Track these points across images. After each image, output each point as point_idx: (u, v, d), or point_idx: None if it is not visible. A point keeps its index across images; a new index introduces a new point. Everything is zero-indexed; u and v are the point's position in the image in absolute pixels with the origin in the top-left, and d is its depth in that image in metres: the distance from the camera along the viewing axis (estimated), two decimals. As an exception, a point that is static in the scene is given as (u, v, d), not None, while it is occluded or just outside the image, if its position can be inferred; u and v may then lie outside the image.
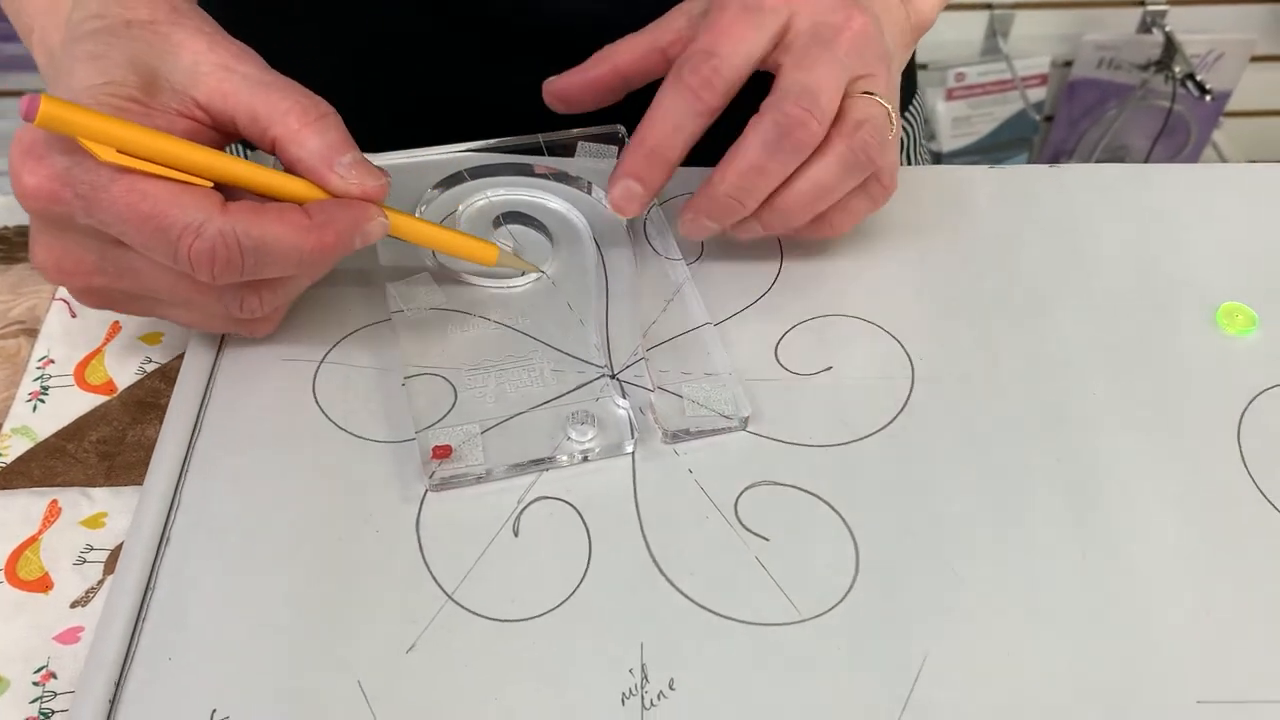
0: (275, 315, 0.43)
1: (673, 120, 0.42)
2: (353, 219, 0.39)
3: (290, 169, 0.39)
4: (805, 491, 0.40)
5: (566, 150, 0.50)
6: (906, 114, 0.69)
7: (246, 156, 0.49)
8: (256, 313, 0.40)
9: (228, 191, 0.37)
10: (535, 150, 0.50)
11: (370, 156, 0.48)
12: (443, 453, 0.39)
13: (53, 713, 0.35)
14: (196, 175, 0.37)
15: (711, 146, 0.44)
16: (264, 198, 0.39)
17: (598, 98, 0.47)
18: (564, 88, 0.47)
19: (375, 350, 0.44)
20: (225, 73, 0.38)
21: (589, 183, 0.49)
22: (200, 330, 0.43)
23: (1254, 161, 1.60)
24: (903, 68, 0.49)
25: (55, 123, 0.34)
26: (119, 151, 0.35)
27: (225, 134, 0.40)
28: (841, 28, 0.43)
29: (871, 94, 0.43)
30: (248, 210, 0.37)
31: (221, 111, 0.39)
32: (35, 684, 0.36)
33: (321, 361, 0.43)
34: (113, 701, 0.34)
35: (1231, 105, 1.58)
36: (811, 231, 0.46)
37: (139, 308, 0.41)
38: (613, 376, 0.43)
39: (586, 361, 0.43)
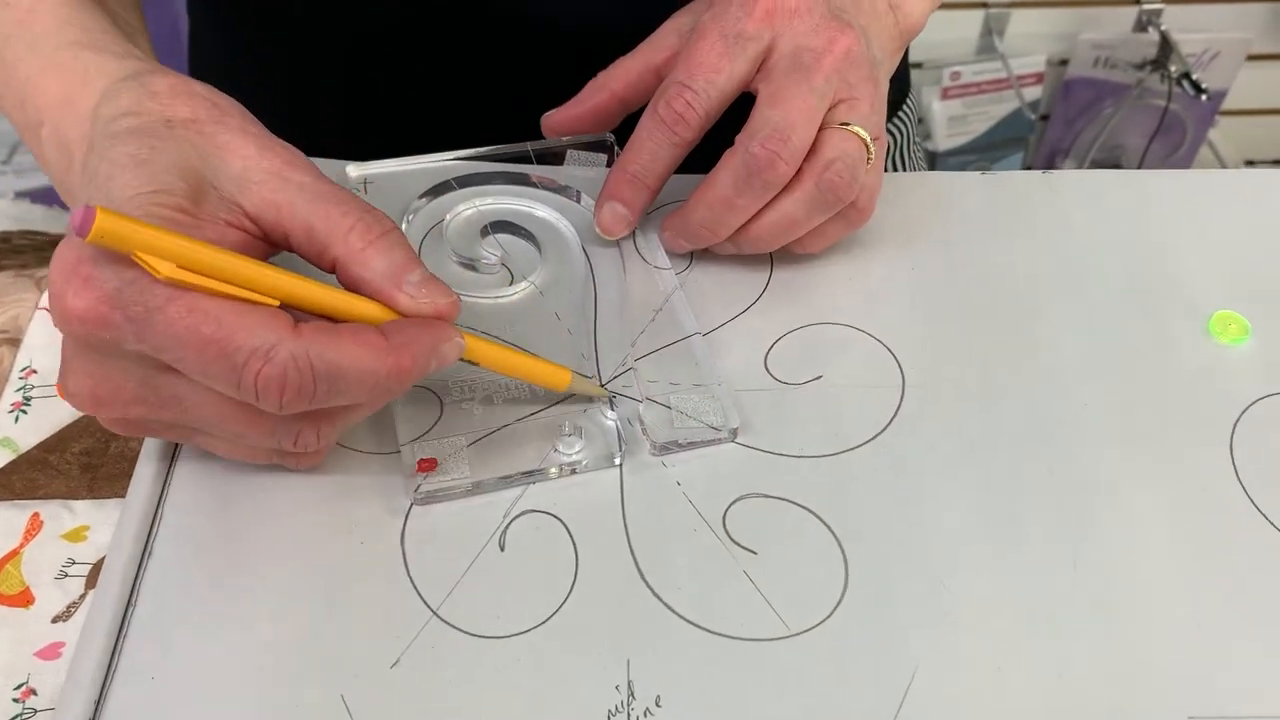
0: (326, 448, 0.38)
1: (650, 150, 0.44)
2: (432, 339, 0.36)
3: (352, 289, 0.36)
4: (794, 504, 0.40)
5: (555, 158, 0.50)
6: (899, 115, 0.69)
7: None
8: (311, 446, 0.37)
9: (292, 312, 0.34)
10: (524, 159, 0.49)
11: (358, 165, 0.48)
12: (428, 466, 0.39)
13: (33, 731, 0.35)
14: (263, 294, 0.33)
15: (709, 151, 0.44)
16: (330, 319, 0.35)
17: (597, 125, 0.48)
18: (561, 121, 0.48)
19: (361, 361, 0.43)
20: (279, 181, 0.35)
21: (578, 191, 0.49)
22: (239, 460, 0.39)
23: (1250, 160, 1.60)
24: (891, 74, 0.48)
25: (111, 238, 0.30)
26: (179, 267, 0.31)
27: (275, 247, 0.37)
28: (823, 52, 0.43)
29: (848, 125, 0.43)
30: (321, 332, 0.33)
31: (275, 224, 0.35)
32: (15, 700, 0.36)
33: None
34: (93, 719, 0.34)
35: (1227, 104, 1.58)
36: (786, 251, 0.47)
37: (175, 435, 0.38)
38: (601, 387, 0.42)
39: (574, 372, 0.43)
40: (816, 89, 0.42)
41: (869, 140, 0.43)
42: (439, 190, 0.48)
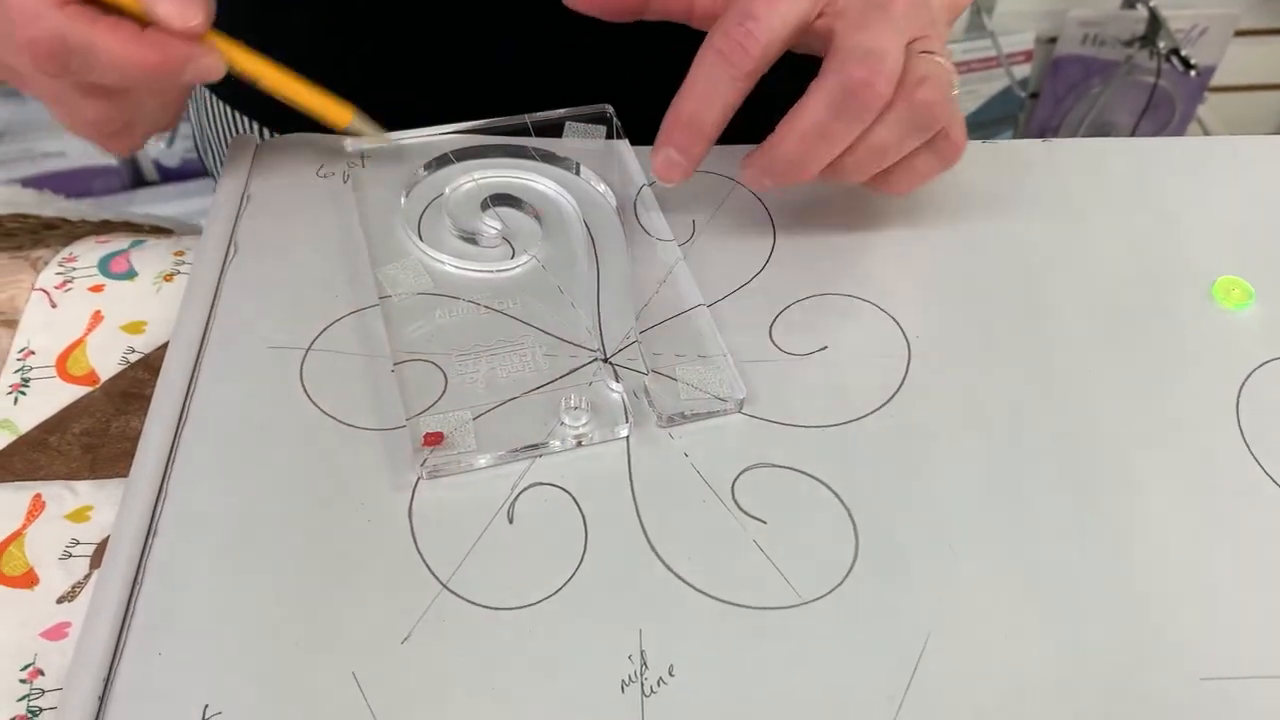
0: (128, 134, 0.45)
1: (707, 87, 0.41)
2: (185, 49, 0.41)
3: None
4: (802, 473, 0.40)
5: (554, 131, 0.49)
6: None
7: None
8: (106, 124, 0.44)
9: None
10: (522, 131, 0.49)
11: (355, 140, 0.48)
12: (434, 440, 0.39)
13: (41, 710, 0.34)
14: None
15: (748, 123, 0.43)
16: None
17: (608, 8, 0.46)
18: None
19: (363, 336, 0.43)
20: None
21: (577, 163, 0.49)
22: (75, 135, 0.45)
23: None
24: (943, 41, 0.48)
25: None
26: None
27: None
28: None
29: (931, 53, 0.41)
30: (83, 14, 0.40)
31: None
32: (23, 681, 0.35)
33: (309, 349, 0.42)
34: (102, 698, 0.34)
35: (1216, 80, 1.58)
36: (872, 188, 0.45)
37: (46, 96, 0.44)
38: (606, 360, 0.42)
39: (579, 345, 0.43)
40: (897, 23, 0.41)
41: (951, 71, 0.42)
42: (438, 164, 0.48)
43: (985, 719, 0.34)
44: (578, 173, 0.49)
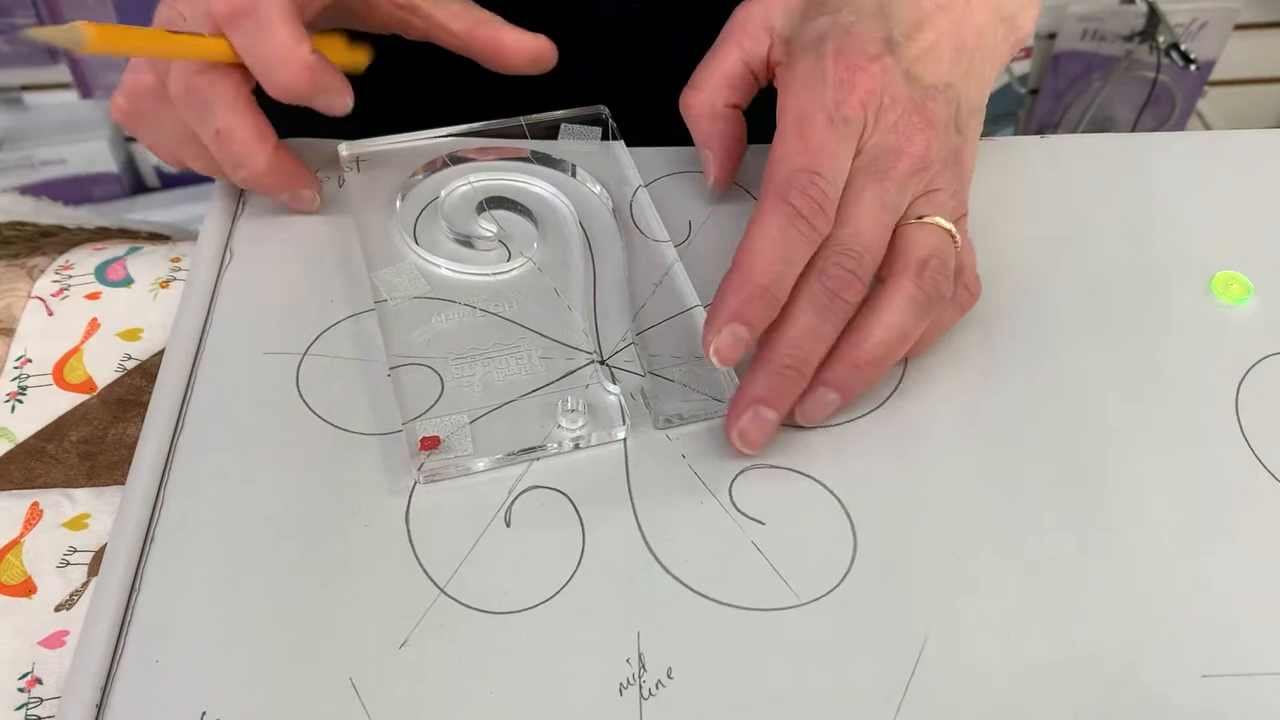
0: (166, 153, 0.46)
1: (783, 252, 0.38)
2: (297, 180, 0.45)
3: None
4: (800, 474, 0.40)
5: (549, 133, 0.49)
6: None
7: None
8: (157, 141, 0.46)
9: None
10: (517, 133, 0.49)
11: (350, 144, 0.48)
12: (431, 444, 0.39)
13: (39, 719, 0.34)
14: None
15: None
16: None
17: (738, 150, 0.47)
18: (724, 178, 0.47)
19: (359, 341, 0.43)
20: None
21: (573, 165, 0.49)
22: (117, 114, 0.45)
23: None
24: (990, 89, 0.46)
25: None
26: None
27: None
28: (899, 154, 0.40)
29: (926, 218, 0.41)
30: (240, 93, 0.43)
31: None
32: (21, 690, 0.35)
33: (304, 354, 0.42)
34: (100, 706, 0.34)
35: (1216, 74, 1.57)
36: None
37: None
38: (602, 362, 0.42)
39: (575, 348, 0.42)
40: (889, 202, 0.40)
41: (953, 230, 0.41)
42: (433, 167, 0.48)
43: (985, 717, 0.34)
44: (574, 175, 0.49)
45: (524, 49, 0.48)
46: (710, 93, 0.45)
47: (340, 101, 0.43)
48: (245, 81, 0.42)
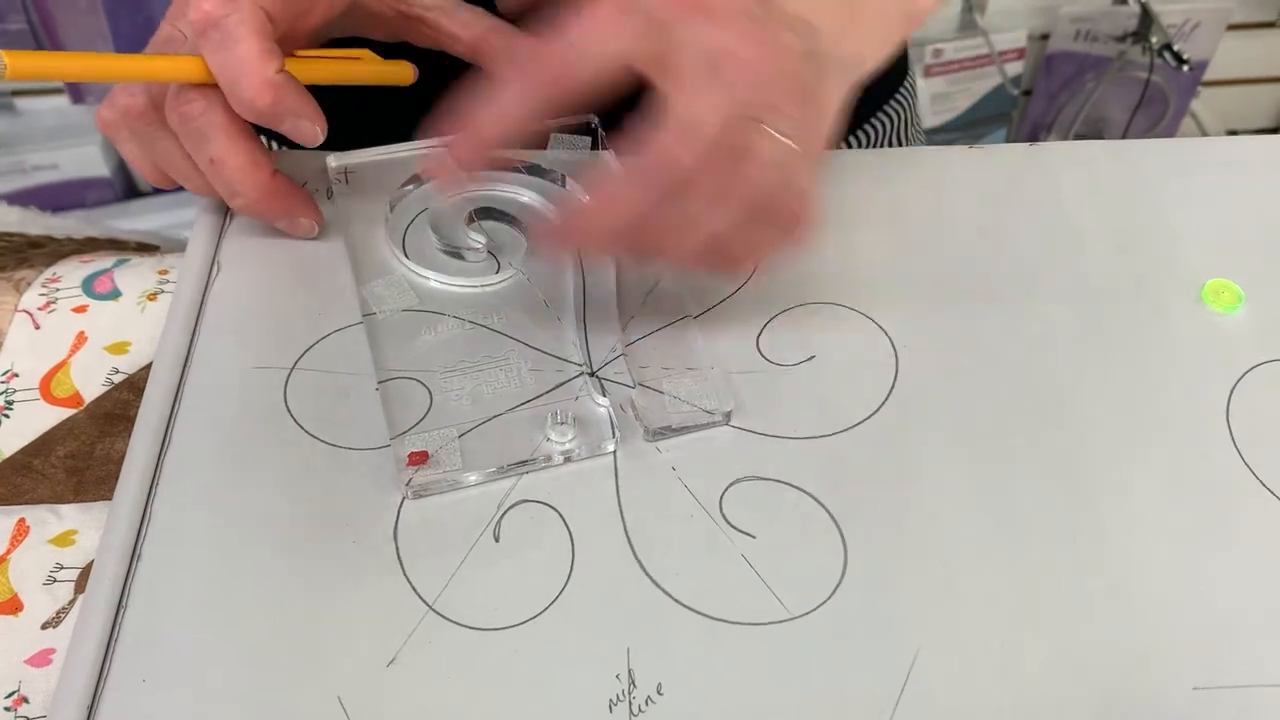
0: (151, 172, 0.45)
1: (503, 108, 0.38)
2: (296, 207, 0.45)
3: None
4: (791, 486, 0.39)
5: (538, 143, 0.49)
6: (898, 96, 0.68)
7: None
8: (140, 158, 0.45)
9: None
10: None
11: (338, 155, 0.47)
12: (419, 459, 0.38)
13: (25, 739, 0.34)
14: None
15: None
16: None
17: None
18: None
19: (348, 355, 0.42)
20: None
21: (562, 175, 0.48)
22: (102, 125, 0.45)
23: (1233, 130, 1.60)
24: (880, 64, 0.43)
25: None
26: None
27: None
28: (736, 58, 0.37)
29: (769, 127, 0.37)
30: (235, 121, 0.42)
31: None
32: (7, 709, 0.35)
33: (292, 369, 0.42)
34: (86, 726, 0.33)
35: (1209, 74, 1.57)
36: (710, 271, 0.43)
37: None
38: (592, 374, 0.42)
39: (565, 359, 0.42)
40: (731, 89, 0.36)
41: (798, 150, 0.38)
42: (422, 178, 0.48)
43: (976, 733, 0.34)
44: (563, 185, 0.48)
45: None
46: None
47: (308, 128, 0.42)
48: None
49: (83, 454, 0.41)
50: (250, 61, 0.40)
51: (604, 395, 0.41)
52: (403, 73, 0.48)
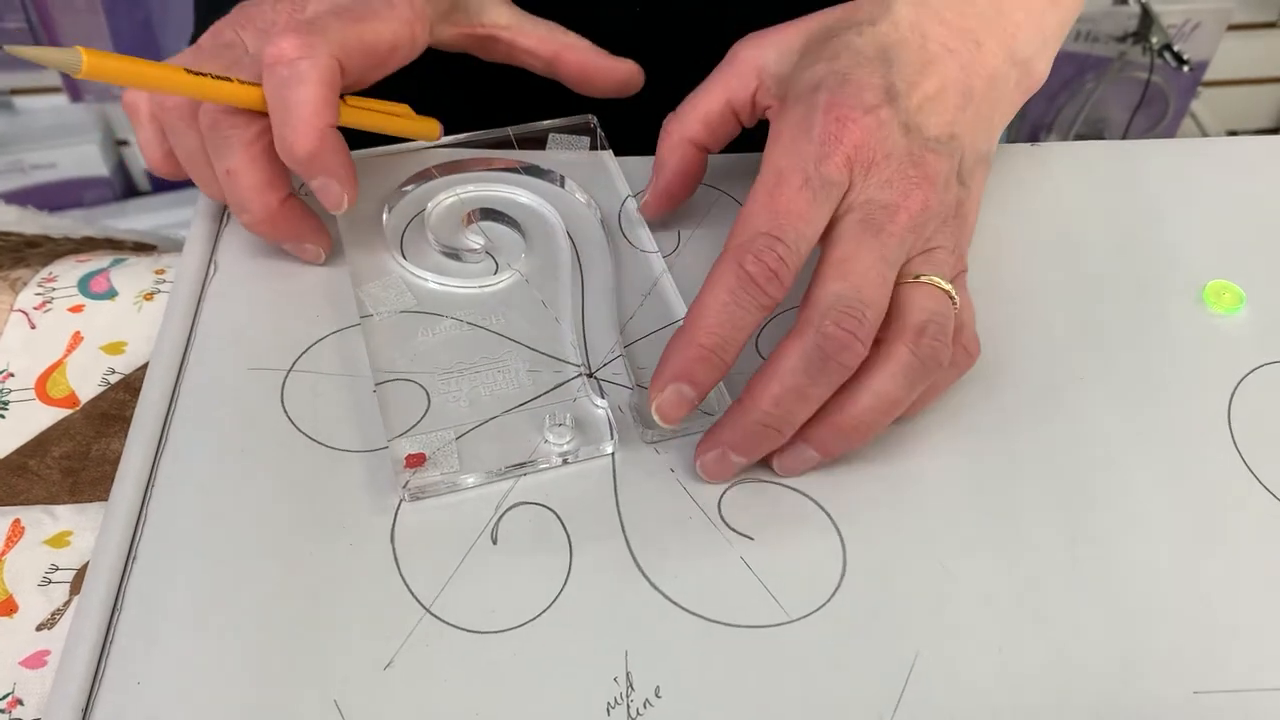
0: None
1: (731, 316, 0.37)
2: (305, 232, 0.44)
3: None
4: (790, 489, 0.39)
5: (537, 143, 0.49)
6: None
7: None
8: (157, 149, 0.45)
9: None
10: (505, 144, 0.49)
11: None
12: (416, 461, 0.38)
13: (20, 742, 0.34)
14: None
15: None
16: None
17: (687, 187, 0.46)
18: (658, 199, 0.46)
19: (345, 356, 0.42)
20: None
21: (561, 176, 0.48)
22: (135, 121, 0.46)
23: (1233, 131, 1.60)
24: (998, 136, 0.45)
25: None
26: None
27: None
28: (896, 209, 0.38)
29: (923, 277, 0.39)
30: (259, 141, 0.42)
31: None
32: (2, 711, 0.35)
33: (290, 370, 0.42)
34: (81, 729, 0.33)
35: (1209, 75, 1.57)
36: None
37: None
38: (590, 375, 0.42)
39: (563, 360, 0.42)
40: (889, 256, 0.38)
41: (951, 291, 0.39)
42: (421, 178, 0.48)
43: (976, 737, 0.34)
44: (562, 185, 0.48)
45: (612, 75, 0.49)
46: (686, 126, 0.44)
47: (335, 192, 0.42)
48: (269, 131, 0.41)
49: (78, 454, 0.41)
50: (307, 107, 0.40)
51: (602, 397, 0.41)
52: (430, 129, 0.47)
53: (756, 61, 0.43)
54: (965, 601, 0.37)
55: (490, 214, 0.47)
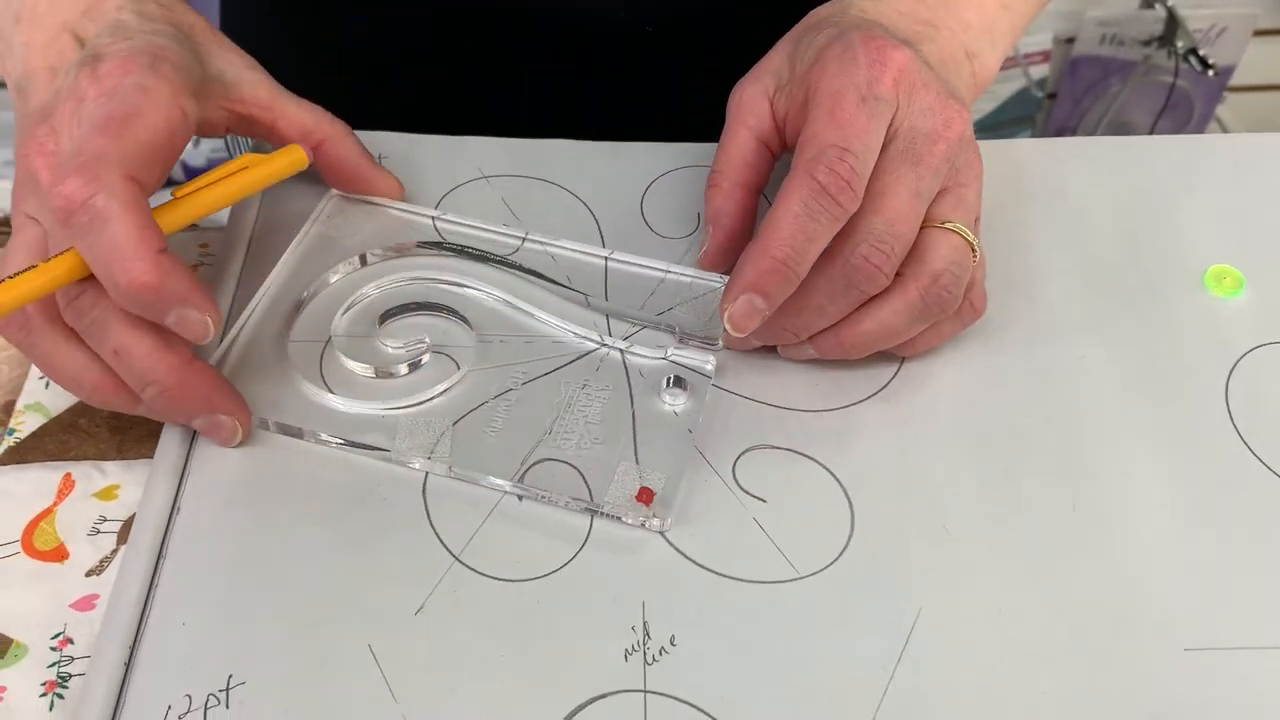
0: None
1: (806, 228, 0.37)
2: (205, 402, 0.39)
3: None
4: (801, 454, 0.41)
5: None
6: None
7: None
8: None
9: None
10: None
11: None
12: (646, 497, 0.39)
13: (70, 676, 0.36)
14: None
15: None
16: None
17: (746, 228, 0.44)
18: (717, 250, 0.45)
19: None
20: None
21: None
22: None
23: (1256, 136, 1.59)
24: None
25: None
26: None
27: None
28: (937, 137, 0.40)
29: (950, 224, 0.40)
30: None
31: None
32: (53, 649, 0.37)
33: (327, 342, 0.43)
34: (128, 665, 0.35)
35: (1235, 80, 1.57)
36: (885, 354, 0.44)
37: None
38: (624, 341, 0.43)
39: (584, 337, 0.44)
40: (923, 189, 0.40)
41: (975, 244, 0.41)
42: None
43: (974, 686, 0.36)
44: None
45: (371, 187, 0.47)
46: (729, 173, 0.44)
47: (196, 319, 0.36)
48: None
49: (126, 415, 0.43)
50: (127, 243, 0.35)
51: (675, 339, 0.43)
52: (296, 157, 0.44)
53: (759, 90, 0.44)
54: (967, 563, 0.38)
55: (410, 309, 0.45)
